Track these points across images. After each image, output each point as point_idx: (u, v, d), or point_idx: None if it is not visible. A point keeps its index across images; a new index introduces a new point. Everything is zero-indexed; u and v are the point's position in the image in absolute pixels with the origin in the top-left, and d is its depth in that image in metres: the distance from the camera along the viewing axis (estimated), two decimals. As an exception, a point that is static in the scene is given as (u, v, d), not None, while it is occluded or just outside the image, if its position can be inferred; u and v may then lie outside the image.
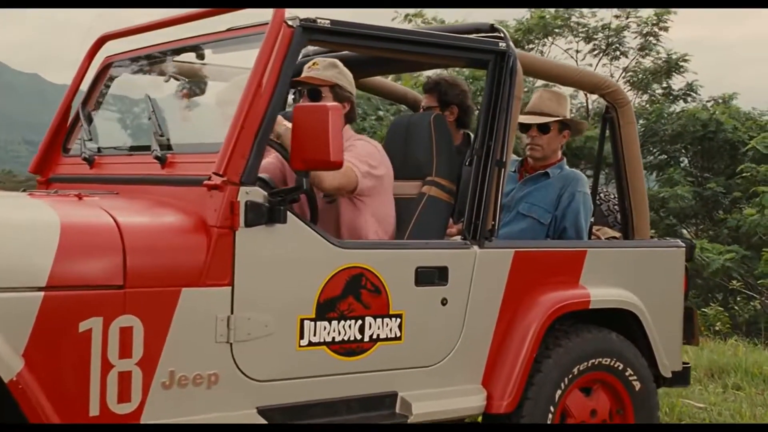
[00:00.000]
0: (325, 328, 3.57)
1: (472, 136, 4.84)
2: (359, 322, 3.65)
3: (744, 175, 14.35)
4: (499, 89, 4.05)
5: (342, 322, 3.61)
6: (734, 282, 12.44)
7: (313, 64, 3.99)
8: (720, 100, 16.19)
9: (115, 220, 3.19)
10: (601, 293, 4.27)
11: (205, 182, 3.35)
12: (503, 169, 4.05)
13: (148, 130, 3.80)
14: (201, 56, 4.04)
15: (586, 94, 15.78)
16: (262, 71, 3.44)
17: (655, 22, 15.38)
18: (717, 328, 10.95)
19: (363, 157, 3.88)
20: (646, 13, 15.47)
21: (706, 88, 16.24)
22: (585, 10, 15.59)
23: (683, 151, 16.27)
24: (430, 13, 15.60)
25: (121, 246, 3.13)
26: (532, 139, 4.65)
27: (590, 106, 16.03)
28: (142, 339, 3.13)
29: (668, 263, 4.61)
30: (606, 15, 15.66)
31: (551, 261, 4.21)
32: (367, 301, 3.67)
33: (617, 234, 4.84)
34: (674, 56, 15.56)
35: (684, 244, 4.66)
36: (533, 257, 4.16)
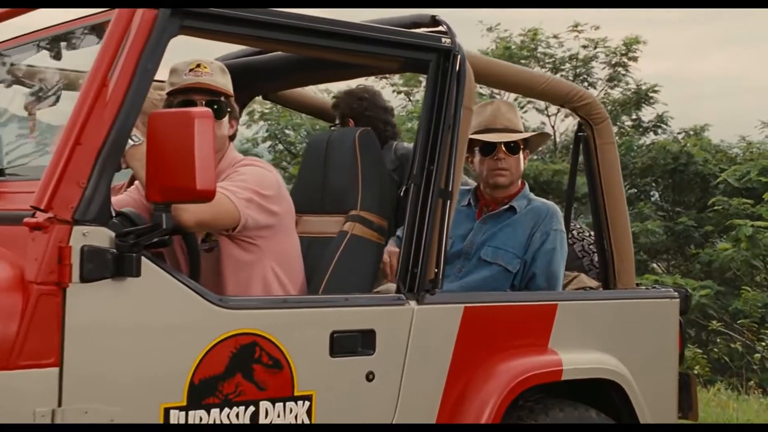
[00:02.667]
0: (201, 419, 2.52)
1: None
2: (251, 408, 2.61)
3: (716, 208, 13.60)
4: (443, 99, 3.04)
5: (226, 409, 2.56)
6: (714, 322, 11.47)
7: (198, 66, 2.94)
8: (691, 132, 15.35)
9: None
10: (575, 359, 3.23)
11: (26, 220, 2.31)
12: (449, 201, 3.03)
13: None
14: (57, 56, 3.00)
15: (549, 115, 14.81)
16: (107, 67, 2.41)
17: (624, 52, 14.53)
18: (696, 371, 9.94)
19: (250, 184, 2.84)
20: (615, 42, 14.65)
21: (676, 120, 15.43)
22: (552, 41, 14.76)
23: (653, 184, 15.41)
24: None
25: None
26: (498, 162, 3.56)
27: (557, 138, 15.10)
28: None
29: (659, 318, 3.58)
30: (574, 45, 14.82)
31: (513, 319, 3.18)
32: (262, 380, 2.63)
33: (595, 282, 3.81)
34: (644, 87, 14.71)
35: (677, 294, 3.63)
36: (489, 314, 3.12)
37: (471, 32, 16.35)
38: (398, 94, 14.18)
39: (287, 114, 13.22)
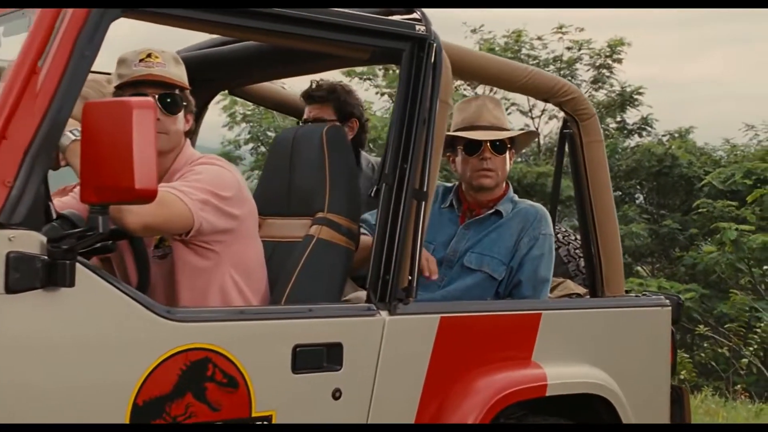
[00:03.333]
0: (146, 445, 2.25)
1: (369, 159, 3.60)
2: None
3: (700, 210, 13.40)
4: (417, 91, 2.77)
5: (175, 433, 2.28)
6: (701, 327, 11.23)
7: (149, 56, 2.65)
8: (676, 135, 15.11)
9: None
10: (561, 373, 2.97)
11: (-57, 224, 2.03)
12: (424, 203, 2.77)
13: None
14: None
15: (534, 117, 14.54)
16: (37, 52, 2.14)
17: (608, 53, 14.27)
18: (682, 377, 9.70)
19: (206, 184, 2.55)
20: (599, 44, 14.38)
21: (660, 123, 15.17)
22: (536, 42, 14.49)
23: (638, 187, 15.17)
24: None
25: None
26: (483, 162, 3.27)
27: (541, 141, 14.86)
28: None
29: (649, 328, 3.32)
30: (558, 47, 14.54)
31: (493, 329, 2.92)
32: (216, 400, 2.35)
33: (581, 289, 3.55)
34: (628, 89, 14.45)
35: (669, 302, 3.37)
36: (468, 325, 2.86)
37: (455, 34, 16.08)
38: (381, 96, 13.88)
39: (270, 116, 12.91)
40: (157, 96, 2.61)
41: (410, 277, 2.74)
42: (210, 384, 2.34)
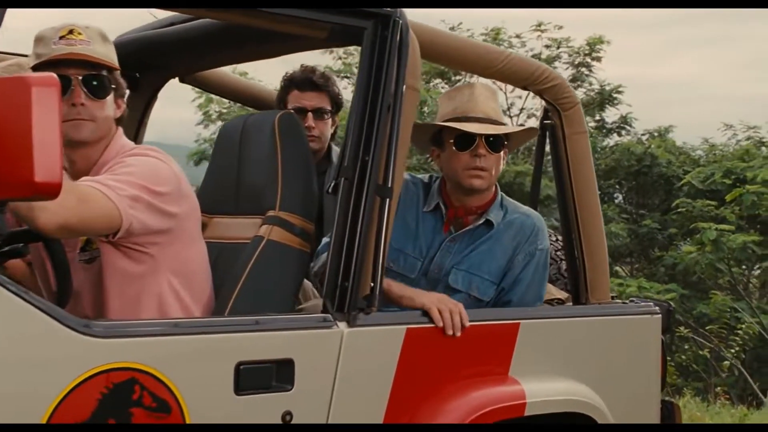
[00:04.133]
0: (59, 481, 1.90)
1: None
2: (129, 464, 1.99)
3: (680, 210, 13.15)
4: (381, 75, 2.44)
5: (94, 467, 1.94)
6: (682, 328, 10.96)
7: (71, 32, 2.29)
8: (655, 134, 14.85)
9: None
10: (541, 390, 2.64)
11: None
12: (389, 200, 2.43)
13: None
14: None
15: (512, 116, 14.23)
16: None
17: (587, 52, 13.97)
18: (663, 379, 9.40)
19: (137, 178, 2.21)
20: (578, 42, 14.08)
21: (640, 122, 14.90)
22: (514, 41, 14.17)
23: (617, 186, 14.90)
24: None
25: None
26: (476, 160, 2.80)
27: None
28: None
29: (638, 338, 3.00)
30: (536, 45, 14.23)
31: (466, 342, 2.57)
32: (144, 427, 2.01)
33: (563, 294, 3.22)
34: (608, 87, 14.16)
35: (659, 309, 3.05)
36: (437, 337, 2.52)
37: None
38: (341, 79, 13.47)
39: (246, 113, 12.54)
40: (81, 78, 2.26)
41: (372, 284, 2.40)
42: (137, 409, 1.99)
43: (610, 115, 14.68)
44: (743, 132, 15.36)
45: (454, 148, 2.83)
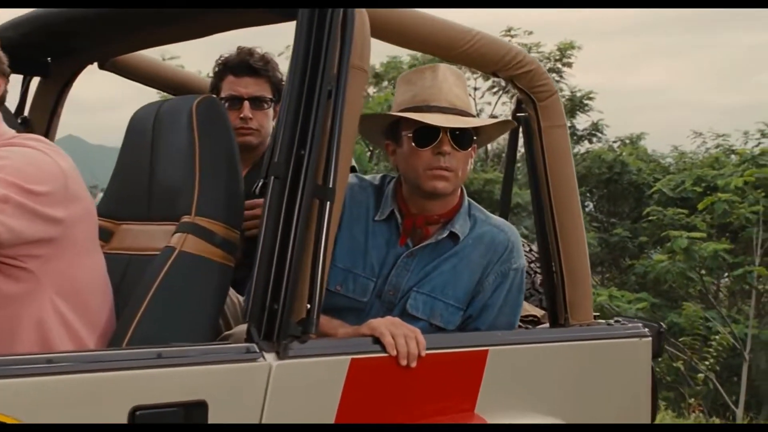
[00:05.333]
0: None
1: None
2: None
3: (650, 218, 12.86)
4: (320, 53, 1.98)
5: None
6: (655, 340, 10.58)
7: None
8: (627, 141, 14.55)
9: None
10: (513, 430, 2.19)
11: None
12: (329, 204, 1.97)
13: None
14: None
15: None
16: None
17: (558, 57, 13.62)
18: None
19: (9, 174, 1.74)
20: (549, 47, 13.73)
21: (611, 130, 14.60)
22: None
23: (588, 194, 14.57)
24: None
25: None
26: (440, 159, 2.32)
27: (489, 145, 14.14)
28: None
29: (625, 364, 2.56)
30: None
31: (424, 373, 2.11)
32: (3, 495, 1.53)
33: (539, 311, 2.77)
34: (578, 94, 13.82)
35: (648, 331, 2.61)
36: (389, 368, 2.05)
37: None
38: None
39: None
40: None
41: (309, 306, 1.94)
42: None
43: (581, 122, 14.37)
44: (712, 140, 15.19)
45: (413, 143, 2.33)
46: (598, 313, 2.63)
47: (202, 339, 1.94)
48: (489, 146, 14.20)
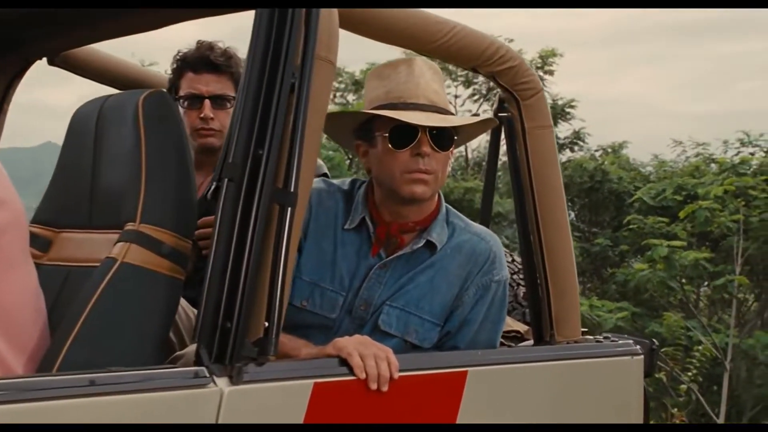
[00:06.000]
0: None
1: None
2: None
3: (631, 227, 12.74)
4: (281, 42, 1.77)
5: None
6: (638, 351, 10.42)
7: None
8: (609, 150, 14.42)
9: None
10: (496, 460, 1.97)
11: None
12: (291, 209, 1.75)
13: None
14: None
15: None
16: None
17: (539, 65, 13.45)
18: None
19: None
20: (530, 55, 13.54)
21: (592, 138, 14.45)
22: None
23: (570, 204, 14.42)
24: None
25: None
26: (418, 161, 2.11)
27: (470, 154, 13.99)
28: None
29: (616, 384, 2.35)
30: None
31: (396, 397, 1.89)
32: None
33: (522, 326, 2.56)
34: (560, 102, 13.65)
35: (640, 348, 2.40)
36: (357, 393, 1.84)
37: (382, 45, 15.15)
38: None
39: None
40: None
41: (267, 324, 1.72)
42: None
43: (563, 130, 14.22)
44: (692, 149, 15.11)
45: (389, 144, 2.11)
46: (585, 329, 2.43)
47: (146, 362, 1.71)
48: (470, 154, 14.04)
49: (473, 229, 2.26)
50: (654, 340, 2.46)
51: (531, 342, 2.39)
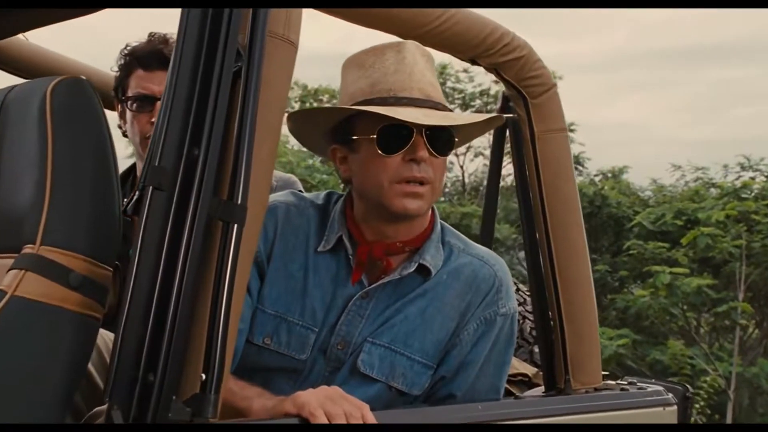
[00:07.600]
0: None
1: None
2: None
3: (631, 252, 12.47)
4: (221, 19, 1.36)
5: None
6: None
7: None
8: (609, 174, 14.18)
9: None
10: None
11: None
12: (236, 227, 1.34)
13: None
14: None
15: (458, 154, 13.31)
16: None
17: (536, 88, 13.16)
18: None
19: None
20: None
21: (590, 162, 14.21)
22: (461, 75, 13.35)
23: (569, 229, 14.13)
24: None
25: None
26: (412, 168, 1.71)
27: (467, 179, 13.61)
28: None
29: (645, 442, 1.92)
30: (485, 80, 13.42)
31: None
32: None
33: (530, 368, 2.14)
34: (558, 125, 13.39)
35: (672, 397, 1.97)
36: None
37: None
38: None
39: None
40: None
41: (204, 376, 1.30)
42: None
43: (561, 154, 13.94)
44: (691, 173, 14.89)
45: (377, 148, 1.70)
46: (606, 372, 2.01)
47: (43, 419, 1.28)
48: (466, 179, 13.66)
49: (474, 251, 1.84)
50: (687, 386, 2.03)
51: (541, 389, 1.97)
